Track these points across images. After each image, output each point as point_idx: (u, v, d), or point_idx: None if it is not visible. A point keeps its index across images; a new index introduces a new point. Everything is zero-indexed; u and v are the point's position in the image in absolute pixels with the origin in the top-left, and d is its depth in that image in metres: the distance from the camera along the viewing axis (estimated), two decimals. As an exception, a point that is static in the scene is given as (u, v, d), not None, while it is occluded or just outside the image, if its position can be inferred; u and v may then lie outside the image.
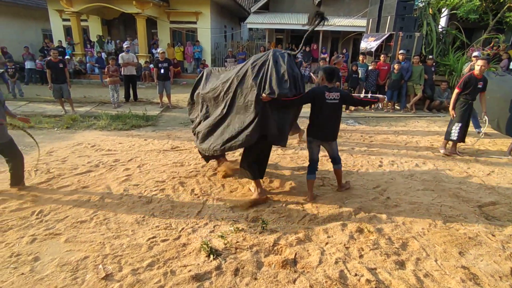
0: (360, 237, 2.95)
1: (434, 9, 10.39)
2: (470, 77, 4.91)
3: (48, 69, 7.44)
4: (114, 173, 4.32)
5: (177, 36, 15.09)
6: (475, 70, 4.91)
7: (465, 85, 4.93)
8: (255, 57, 3.58)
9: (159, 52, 8.82)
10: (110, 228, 3.05)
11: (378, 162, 4.88)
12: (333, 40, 16.11)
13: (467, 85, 4.91)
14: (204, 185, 4.02)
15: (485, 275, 2.44)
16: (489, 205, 3.61)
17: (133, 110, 7.92)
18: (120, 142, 5.70)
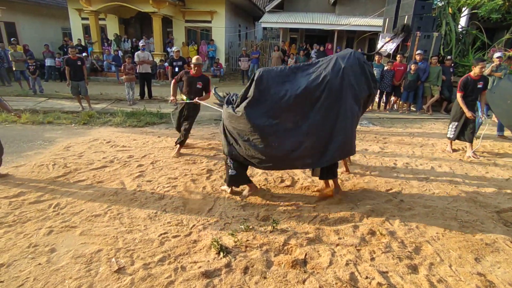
0: (372, 239, 2.90)
1: (454, 8, 10.11)
2: (467, 79, 5.07)
3: (67, 66, 7.65)
4: (128, 169, 4.40)
5: (192, 35, 15.22)
6: (471, 72, 5.09)
7: (464, 87, 5.06)
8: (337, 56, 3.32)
9: (174, 50, 8.93)
10: (123, 223, 3.11)
11: (392, 164, 4.80)
12: (348, 40, 15.91)
13: (466, 86, 5.05)
14: (216, 183, 4.05)
15: (502, 283, 2.37)
16: (508, 211, 3.49)
17: (147, 107, 8.03)
18: (135, 139, 5.80)
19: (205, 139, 5.88)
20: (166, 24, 14.69)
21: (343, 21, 13.52)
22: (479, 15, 10.37)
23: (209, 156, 5.00)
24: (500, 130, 6.39)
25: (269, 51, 14.84)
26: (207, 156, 5.00)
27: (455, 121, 5.27)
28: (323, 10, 15.70)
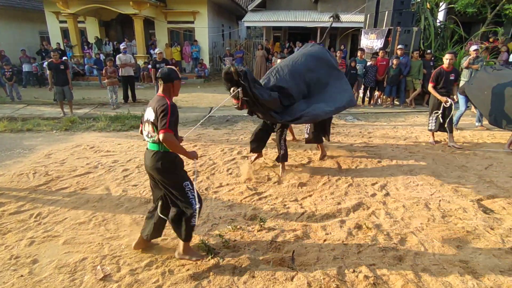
0: (358, 233, 2.94)
1: (431, 3, 10.34)
2: (440, 71, 5.20)
3: (49, 70, 7.45)
4: (113, 174, 4.32)
5: (175, 36, 15.07)
6: (444, 64, 5.22)
7: (437, 79, 5.19)
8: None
9: (156, 52, 8.81)
10: (108, 229, 3.05)
11: (377, 157, 4.87)
12: (331, 36, 16.06)
13: (438, 78, 5.19)
14: (203, 184, 4.02)
15: (484, 269, 2.44)
16: (487, 199, 3.60)
17: (132, 111, 7.92)
18: (119, 143, 5.70)
19: (190, 141, 5.83)
20: (148, 25, 14.49)
21: (326, 18, 13.63)
22: (456, 9, 10.66)
23: (195, 157, 4.95)
24: (478, 121, 6.58)
25: (253, 50, 14.83)
26: (194, 157, 4.96)
27: (434, 112, 5.40)
28: (306, 7, 15.79)
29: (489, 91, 5.35)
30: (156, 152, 2.41)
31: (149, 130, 2.41)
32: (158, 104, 2.33)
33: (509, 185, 3.93)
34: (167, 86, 2.44)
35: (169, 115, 2.27)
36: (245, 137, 5.98)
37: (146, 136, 2.46)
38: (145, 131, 2.46)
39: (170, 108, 2.29)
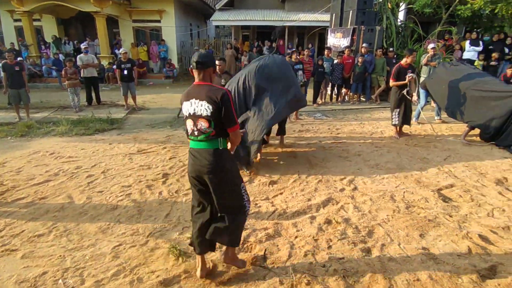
0: (328, 228, 3.01)
1: (392, 3, 10.82)
2: (400, 68, 5.50)
3: (3, 72, 6.94)
4: (76, 181, 4.10)
5: (141, 35, 14.59)
6: (402, 61, 5.56)
7: (397, 75, 5.48)
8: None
9: (121, 52, 8.46)
10: (71, 240, 2.89)
11: (345, 153, 5.02)
12: (298, 35, 16.33)
13: (399, 74, 5.47)
14: (173, 187, 3.93)
15: (443, 255, 2.58)
16: (446, 188, 3.83)
17: (96, 113, 7.57)
18: (83, 148, 5.42)
19: (160, 143, 5.67)
20: (112, 24, 13.91)
21: (293, 17, 13.84)
22: (414, 9, 11.23)
23: (164, 160, 4.83)
24: (437, 115, 6.98)
25: (222, 49, 14.73)
26: (163, 160, 4.83)
27: (396, 108, 5.64)
28: (273, 7, 15.92)
29: (446, 85, 5.70)
30: (216, 150, 2.10)
31: (201, 125, 2.07)
32: (214, 94, 2.02)
33: (465, 174, 4.21)
34: (208, 71, 2.11)
35: (232, 104, 2.05)
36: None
37: (194, 133, 2.12)
38: (194, 127, 2.11)
39: (231, 97, 2.06)
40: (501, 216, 3.23)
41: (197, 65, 2.08)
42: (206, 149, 2.12)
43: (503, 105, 5.03)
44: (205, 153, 2.11)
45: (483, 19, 11.40)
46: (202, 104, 2.05)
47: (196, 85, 2.12)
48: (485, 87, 5.32)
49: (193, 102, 2.08)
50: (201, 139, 2.12)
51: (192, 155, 2.17)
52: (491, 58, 9.25)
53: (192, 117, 2.10)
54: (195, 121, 2.09)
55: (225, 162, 2.13)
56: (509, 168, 4.42)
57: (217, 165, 2.10)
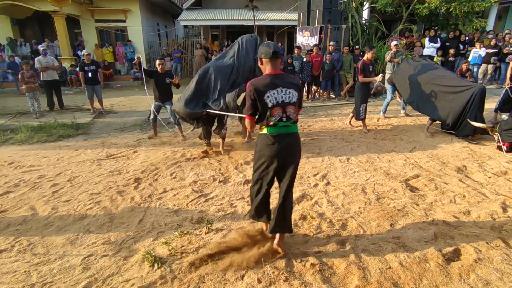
0: (304, 224, 3.06)
1: (356, 2, 11.19)
2: (364, 64, 5.75)
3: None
4: (39, 191, 3.86)
5: (105, 36, 14.00)
6: (364, 58, 5.84)
7: (364, 70, 5.74)
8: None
9: (83, 54, 8.07)
10: (36, 254, 2.72)
11: (318, 149, 5.12)
12: (268, 34, 16.44)
13: (365, 70, 5.75)
14: (145, 192, 3.81)
15: (412, 242, 2.71)
16: (413, 179, 4.02)
17: (59, 119, 7.18)
18: (46, 156, 5.12)
19: (130, 147, 5.48)
20: (72, 24, 13.22)
21: (261, 16, 13.90)
22: (377, 8, 11.68)
23: (135, 164, 4.67)
24: (403, 109, 7.31)
25: (192, 49, 14.50)
26: (134, 164, 4.67)
27: (363, 103, 5.87)
28: (242, 6, 15.89)
29: (410, 80, 6.00)
30: (297, 133, 2.41)
31: (290, 111, 2.31)
32: (295, 81, 2.35)
33: (429, 165, 4.45)
34: (279, 61, 2.33)
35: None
36: (187, 139, 5.82)
37: (283, 120, 2.31)
38: (283, 114, 2.29)
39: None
40: (462, 202, 3.45)
41: (273, 55, 2.25)
42: (292, 133, 2.38)
43: (459, 98, 5.37)
44: (291, 136, 2.37)
45: (439, 17, 12.09)
46: (290, 92, 2.29)
47: (273, 75, 2.29)
48: (443, 81, 5.66)
49: (280, 90, 2.27)
50: (288, 124, 2.34)
51: (276, 140, 2.33)
52: (449, 54, 9.85)
53: (281, 104, 2.28)
54: (285, 108, 2.29)
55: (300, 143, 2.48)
56: (468, 156, 4.74)
57: (298, 146, 2.44)
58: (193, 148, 5.28)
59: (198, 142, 5.63)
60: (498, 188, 3.75)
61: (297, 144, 2.43)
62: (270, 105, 2.27)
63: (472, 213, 3.18)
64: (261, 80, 2.29)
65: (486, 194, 3.60)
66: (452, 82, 5.64)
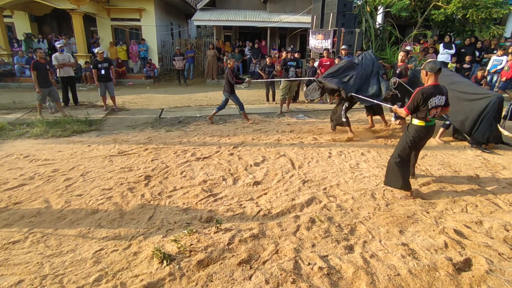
0: (312, 227, 3.05)
1: (371, 7, 11.13)
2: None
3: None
4: (53, 185, 3.96)
5: (120, 34, 14.24)
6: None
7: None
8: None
9: (97, 51, 8.23)
10: (49, 246, 2.79)
11: (327, 153, 5.11)
12: (280, 36, 16.45)
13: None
14: (155, 189, 3.87)
15: (422, 250, 2.69)
16: (423, 186, 3.97)
17: (73, 114, 7.33)
18: (60, 150, 5.24)
19: (141, 144, 5.56)
20: (89, 22, 13.49)
21: (275, 18, 13.92)
22: (392, 13, 11.58)
23: (146, 161, 4.74)
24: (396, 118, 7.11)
25: (204, 49, 14.62)
26: (144, 162, 4.74)
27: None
28: (255, 7, 15.96)
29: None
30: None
31: (438, 112, 3.41)
32: (445, 90, 3.41)
33: (440, 172, 4.39)
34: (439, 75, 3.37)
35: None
36: (198, 139, 5.87)
37: (435, 116, 3.45)
38: (436, 113, 3.42)
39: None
40: (474, 211, 3.39)
41: (438, 71, 3.30)
42: (434, 125, 3.56)
43: (475, 106, 5.28)
44: (434, 127, 3.57)
45: (455, 23, 11.91)
46: (442, 98, 3.36)
47: (435, 85, 3.34)
48: (459, 87, 5.56)
49: (438, 97, 3.32)
50: (434, 120, 3.48)
51: (427, 130, 3.50)
52: (464, 60, 9.69)
53: (436, 107, 3.36)
54: (437, 109, 3.39)
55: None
56: (481, 165, 4.65)
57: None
58: (203, 148, 5.33)
59: (209, 142, 5.68)
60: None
61: (433, 131, 3.62)
62: (430, 107, 3.31)
63: (485, 224, 3.12)
64: (428, 89, 3.30)
65: (500, 204, 3.54)
66: (469, 89, 5.53)
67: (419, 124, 3.45)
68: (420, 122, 3.44)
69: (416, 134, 3.49)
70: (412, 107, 3.37)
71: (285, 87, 8.04)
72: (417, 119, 3.45)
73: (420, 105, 3.32)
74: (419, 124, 3.44)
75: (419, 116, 3.41)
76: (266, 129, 6.48)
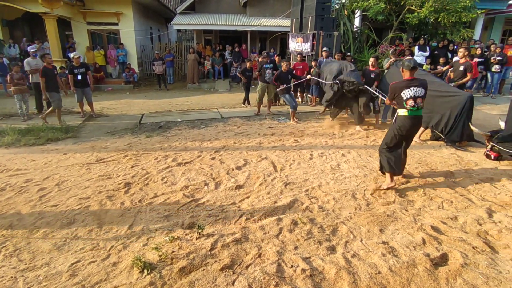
0: (295, 229, 3.06)
1: (348, 10, 11.39)
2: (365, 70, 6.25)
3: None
4: (26, 196, 3.79)
5: (97, 38, 13.90)
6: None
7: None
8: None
9: (73, 56, 7.99)
10: (22, 260, 2.66)
11: (309, 155, 5.16)
12: (261, 40, 16.55)
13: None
14: (136, 196, 3.78)
15: (401, 247, 2.75)
16: (402, 184, 4.08)
17: (48, 121, 7.06)
18: (33, 159, 5.03)
19: (120, 151, 5.43)
20: (64, 26, 13.08)
21: (254, 22, 14.00)
22: (369, 16, 11.89)
23: (126, 168, 4.63)
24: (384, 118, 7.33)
25: (185, 53, 14.49)
26: (124, 168, 4.62)
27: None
28: (235, 11, 15.99)
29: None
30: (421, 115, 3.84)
31: (419, 102, 3.68)
32: (423, 82, 3.72)
33: (417, 171, 4.52)
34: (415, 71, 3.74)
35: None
36: (179, 144, 5.80)
37: (415, 106, 3.67)
38: (415, 103, 3.66)
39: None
40: (449, 207, 3.51)
41: (413, 68, 3.68)
42: (420, 115, 3.80)
43: (448, 105, 5.49)
44: (419, 118, 3.81)
45: (428, 26, 12.37)
46: (419, 90, 3.66)
47: (410, 79, 3.71)
48: (432, 86, 5.76)
49: (413, 89, 3.65)
50: (417, 109, 3.71)
51: (411, 120, 3.76)
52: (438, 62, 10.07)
53: (415, 98, 3.65)
54: (416, 100, 3.66)
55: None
56: (455, 163, 4.83)
57: (420, 124, 3.90)
58: (185, 153, 5.26)
59: (190, 147, 5.62)
60: (484, 194, 3.83)
61: (420, 123, 3.89)
62: (405, 98, 3.67)
63: (459, 219, 3.24)
64: (399, 83, 3.76)
65: (473, 200, 3.68)
66: (441, 88, 5.76)
67: (403, 115, 3.80)
68: (404, 112, 3.78)
69: (401, 123, 3.82)
70: (391, 97, 3.91)
71: (260, 89, 8.10)
72: (401, 110, 3.81)
73: (395, 96, 3.80)
74: (404, 115, 3.80)
75: (399, 105, 3.83)
76: (247, 133, 6.48)
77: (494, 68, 9.75)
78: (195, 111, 8.80)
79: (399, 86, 3.74)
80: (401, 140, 3.93)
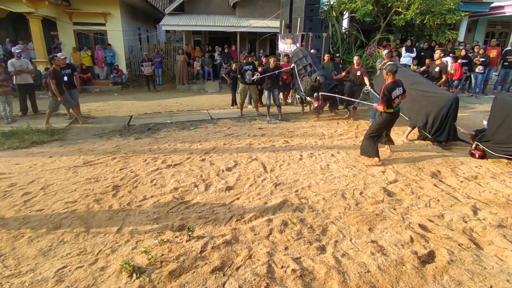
0: (285, 229, 3.08)
1: (337, 12, 11.51)
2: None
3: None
4: (10, 200, 3.69)
5: (84, 39, 13.66)
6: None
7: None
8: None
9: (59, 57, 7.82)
10: (7, 266, 2.59)
11: (299, 156, 5.18)
12: (250, 41, 16.56)
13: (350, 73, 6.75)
14: (124, 199, 3.72)
15: (389, 246, 2.79)
16: (391, 183, 4.14)
17: (32, 124, 6.89)
18: (17, 163, 4.90)
19: (108, 153, 5.34)
20: (49, 26, 12.81)
21: (244, 23, 14.01)
22: (356, 18, 12.04)
23: (114, 171, 4.56)
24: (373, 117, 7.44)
25: (174, 54, 14.38)
26: (112, 171, 4.55)
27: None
28: (224, 12, 15.96)
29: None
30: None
31: (399, 100, 4.55)
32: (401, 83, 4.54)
33: (406, 170, 4.60)
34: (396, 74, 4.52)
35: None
36: (168, 145, 5.74)
37: (397, 103, 4.50)
38: (398, 100, 4.54)
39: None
40: (436, 205, 3.58)
41: (395, 72, 4.44)
42: (399, 110, 4.71)
43: (435, 105, 5.61)
44: (399, 112, 4.71)
45: (415, 28, 12.60)
46: (400, 89, 4.49)
47: (394, 81, 4.45)
48: (420, 87, 5.91)
49: (398, 89, 4.44)
50: (398, 107, 4.59)
51: (393, 115, 4.59)
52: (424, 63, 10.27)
53: (398, 96, 4.46)
54: (399, 98, 4.49)
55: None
56: (442, 162, 4.93)
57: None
58: (174, 154, 5.21)
59: (180, 148, 5.58)
60: (469, 191, 3.93)
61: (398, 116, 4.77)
62: (394, 97, 4.40)
63: (446, 217, 3.31)
64: (390, 85, 4.39)
65: (458, 197, 3.76)
66: (428, 88, 5.89)
67: (388, 111, 4.50)
68: (390, 110, 4.48)
69: (386, 119, 4.59)
70: (384, 101, 4.42)
71: (242, 90, 8.09)
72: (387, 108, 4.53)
73: (388, 98, 4.38)
74: (388, 111, 4.50)
75: (388, 105, 4.45)
76: (237, 134, 6.47)
77: (478, 69, 10.00)
78: (185, 112, 8.73)
79: (391, 88, 4.37)
80: (384, 130, 4.90)
